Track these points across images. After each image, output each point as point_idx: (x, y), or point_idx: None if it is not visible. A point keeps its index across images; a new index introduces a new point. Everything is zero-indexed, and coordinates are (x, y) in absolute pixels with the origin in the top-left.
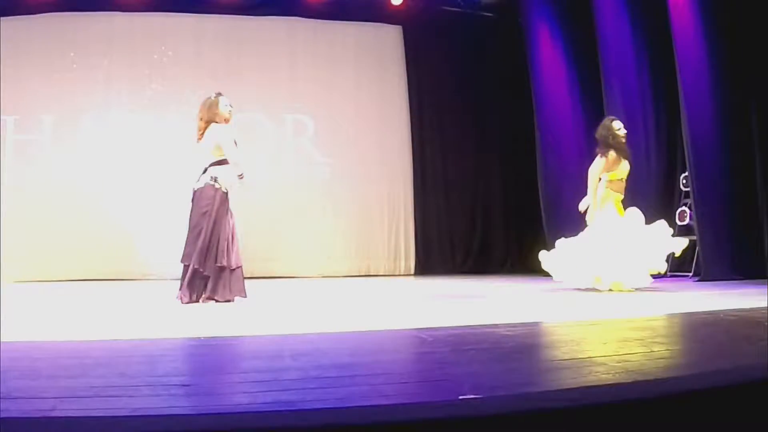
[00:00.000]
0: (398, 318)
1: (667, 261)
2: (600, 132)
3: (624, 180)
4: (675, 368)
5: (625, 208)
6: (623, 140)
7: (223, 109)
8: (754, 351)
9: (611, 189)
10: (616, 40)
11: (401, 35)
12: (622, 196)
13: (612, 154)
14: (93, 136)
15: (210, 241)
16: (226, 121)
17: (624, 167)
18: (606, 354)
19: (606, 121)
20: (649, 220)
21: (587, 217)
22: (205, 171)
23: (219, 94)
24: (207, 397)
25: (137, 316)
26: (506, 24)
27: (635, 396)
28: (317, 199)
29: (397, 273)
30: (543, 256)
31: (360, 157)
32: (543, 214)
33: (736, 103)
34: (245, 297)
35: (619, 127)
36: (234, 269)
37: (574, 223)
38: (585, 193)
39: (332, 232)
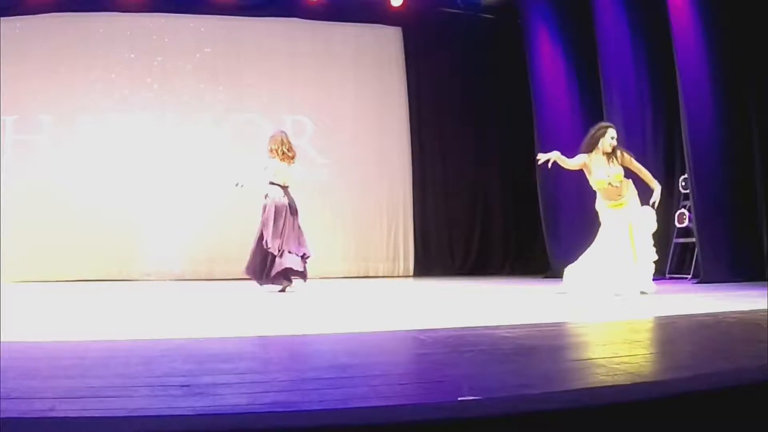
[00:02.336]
0: (397, 319)
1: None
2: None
3: (613, 184)
4: (674, 370)
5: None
6: (608, 148)
7: None
8: (753, 353)
9: (602, 196)
10: (616, 42)
11: (401, 37)
12: (619, 200)
13: (584, 156)
14: (92, 137)
15: None
16: None
17: (601, 173)
18: (605, 356)
19: (601, 125)
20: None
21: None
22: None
23: None
24: (205, 398)
25: (136, 316)
26: (506, 26)
27: (635, 398)
28: (316, 200)
29: (396, 274)
30: (568, 273)
31: (359, 159)
32: (542, 215)
33: (735, 105)
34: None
35: (613, 135)
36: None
37: (573, 224)
38: (585, 196)
39: (331, 233)
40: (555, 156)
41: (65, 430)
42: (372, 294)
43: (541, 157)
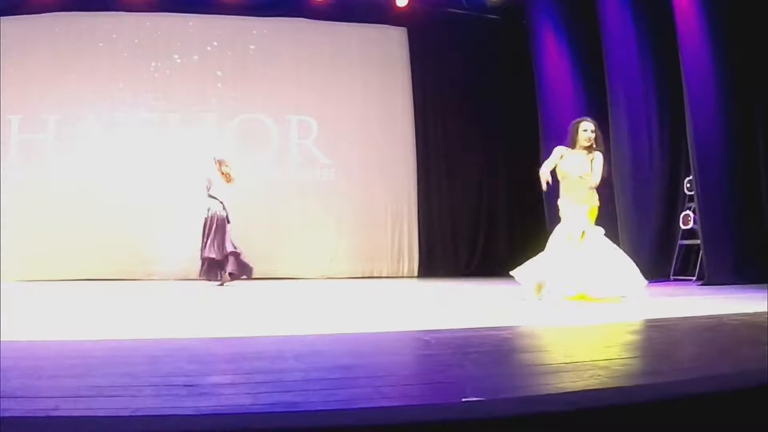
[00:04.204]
0: (401, 320)
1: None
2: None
3: (580, 180)
4: (677, 372)
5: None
6: (585, 142)
7: None
8: (756, 355)
9: (565, 192)
10: (621, 42)
11: (406, 37)
12: (583, 201)
13: (561, 149)
14: (96, 136)
15: None
16: None
17: (570, 166)
18: (609, 357)
19: (575, 120)
20: (651, 224)
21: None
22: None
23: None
24: (210, 398)
25: (140, 316)
26: (511, 26)
27: (638, 399)
28: (321, 200)
29: (400, 275)
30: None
31: (364, 159)
32: (547, 216)
33: (741, 107)
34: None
35: (585, 128)
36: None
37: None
38: None
39: (335, 234)
40: (544, 175)
41: (69, 429)
42: (376, 295)
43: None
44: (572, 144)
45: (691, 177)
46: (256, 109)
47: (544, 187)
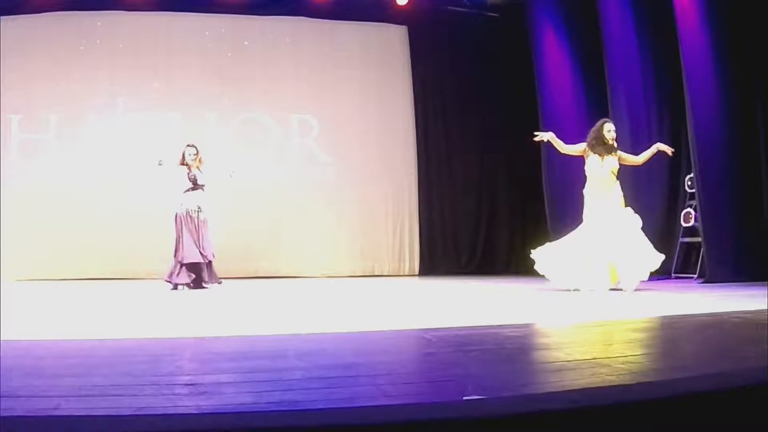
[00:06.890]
0: (402, 318)
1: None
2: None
3: (607, 174)
4: (678, 370)
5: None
6: (608, 141)
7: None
8: (757, 353)
9: (593, 184)
10: (622, 41)
11: (406, 35)
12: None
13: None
14: (97, 136)
15: None
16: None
17: (595, 164)
18: (610, 355)
19: (599, 122)
20: (653, 222)
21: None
22: None
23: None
24: (211, 397)
25: (141, 315)
26: (511, 24)
27: (639, 397)
28: (322, 199)
29: (401, 273)
30: (536, 255)
31: (365, 158)
32: (547, 214)
33: (742, 105)
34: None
35: (609, 129)
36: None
37: (578, 224)
38: None
39: (337, 232)
40: (549, 136)
41: (70, 428)
42: (377, 293)
43: (538, 135)
44: (594, 142)
45: (692, 174)
46: (256, 107)
47: (537, 138)
